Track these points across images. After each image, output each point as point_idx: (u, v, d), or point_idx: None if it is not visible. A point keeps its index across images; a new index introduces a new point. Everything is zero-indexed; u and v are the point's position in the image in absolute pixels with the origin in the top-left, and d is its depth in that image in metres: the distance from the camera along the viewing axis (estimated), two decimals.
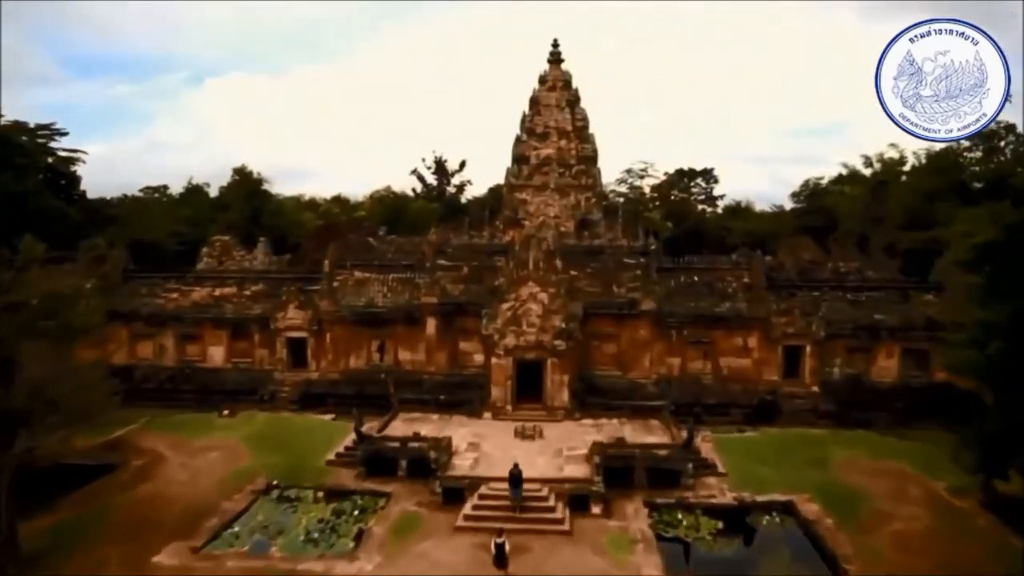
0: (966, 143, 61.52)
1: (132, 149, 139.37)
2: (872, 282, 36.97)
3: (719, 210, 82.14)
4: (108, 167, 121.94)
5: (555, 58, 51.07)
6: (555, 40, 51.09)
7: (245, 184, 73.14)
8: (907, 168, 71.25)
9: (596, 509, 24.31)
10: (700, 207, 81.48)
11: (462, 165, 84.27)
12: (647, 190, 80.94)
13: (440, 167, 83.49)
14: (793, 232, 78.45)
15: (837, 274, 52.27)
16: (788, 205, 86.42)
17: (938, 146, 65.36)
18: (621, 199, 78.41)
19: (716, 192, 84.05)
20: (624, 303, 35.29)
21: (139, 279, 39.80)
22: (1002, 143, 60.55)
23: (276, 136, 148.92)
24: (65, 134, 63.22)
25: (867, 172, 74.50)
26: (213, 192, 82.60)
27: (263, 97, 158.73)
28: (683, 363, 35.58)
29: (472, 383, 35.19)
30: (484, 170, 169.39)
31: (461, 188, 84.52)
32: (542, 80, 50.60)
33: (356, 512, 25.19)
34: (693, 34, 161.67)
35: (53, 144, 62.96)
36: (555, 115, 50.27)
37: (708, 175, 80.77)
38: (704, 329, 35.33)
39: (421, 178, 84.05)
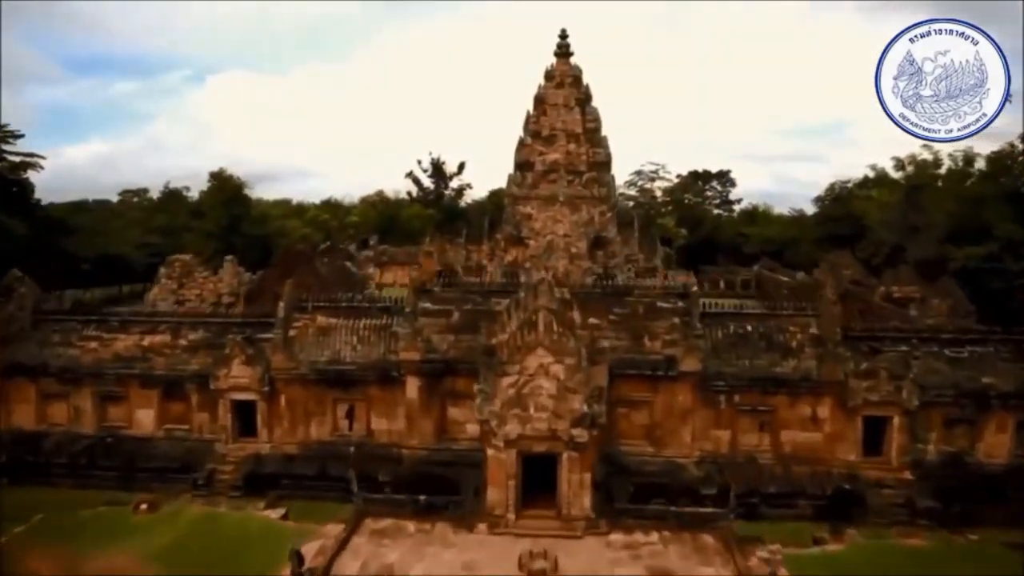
0: (1020, 146, 51.80)
1: (132, 148, 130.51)
2: (976, 333, 27.30)
3: (734, 214, 72.34)
4: (109, 166, 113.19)
5: (563, 51, 41.68)
6: (563, 31, 41.60)
7: (224, 189, 62.91)
8: (943, 171, 61.53)
9: None
10: (715, 212, 71.70)
11: (461, 167, 74.69)
12: (658, 193, 71.04)
13: (437, 169, 73.61)
14: (816, 240, 68.91)
15: (889, 299, 42.93)
16: (800, 207, 77.26)
17: (979, 149, 56.09)
18: (630, 203, 68.79)
19: (731, 195, 74.36)
20: (659, 361, 25.77)
21: (51, 322, 30.20)
22: None
23: (276, 136, 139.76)
24: (20, 136, 53.56)
25: (898, 175, 64.86)
26: (197, 196, 73.05)
27: (263, 97, 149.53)
28: (733, 438, 26.01)
29: (463, 460, 25.74)
30: (485, 172, 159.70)
31: (460, 192, 74.95)
32: (548, 76, 41.15)
33: None
34: (691, 34, 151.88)
35: (6, 147, 53.52)
36: (563, 115, 40.93)
37: (724, 177, 70.52)
38: (761, 395, 25.75)
39: (417, 181, 74.26)
